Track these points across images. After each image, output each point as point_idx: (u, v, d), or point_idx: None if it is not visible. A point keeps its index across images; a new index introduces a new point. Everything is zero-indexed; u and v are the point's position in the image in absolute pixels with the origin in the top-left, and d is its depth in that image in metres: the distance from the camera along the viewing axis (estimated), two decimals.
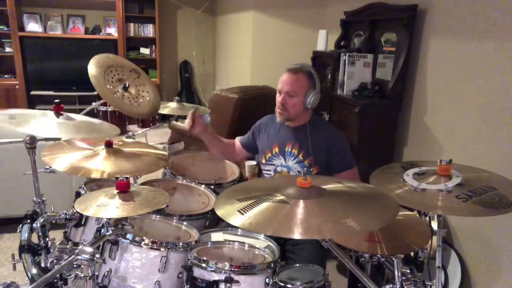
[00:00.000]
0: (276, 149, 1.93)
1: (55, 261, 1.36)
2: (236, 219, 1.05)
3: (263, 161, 1.99)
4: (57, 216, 1.55)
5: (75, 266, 1.25)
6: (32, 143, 1.65)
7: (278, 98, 1.85)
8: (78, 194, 1.73)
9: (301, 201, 1.09)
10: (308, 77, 1.83)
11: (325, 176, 1.74)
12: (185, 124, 2.01)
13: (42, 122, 1.61)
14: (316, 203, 1.09)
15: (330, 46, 3.45)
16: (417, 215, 1.54)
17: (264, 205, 1.10)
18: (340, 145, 1.87)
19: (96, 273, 1.31)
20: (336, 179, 1.37)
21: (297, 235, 0.97)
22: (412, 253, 1.52)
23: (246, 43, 4.50)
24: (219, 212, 1.12)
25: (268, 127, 2.03)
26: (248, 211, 1.07)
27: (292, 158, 1.88)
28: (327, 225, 1.02)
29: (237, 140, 2.19)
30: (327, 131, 1.89)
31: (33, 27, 5.39)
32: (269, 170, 1.97)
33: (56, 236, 1.71)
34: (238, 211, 1.08)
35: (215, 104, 3.51)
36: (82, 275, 1.22)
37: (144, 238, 1.38)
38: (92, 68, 1.91)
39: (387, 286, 1.28)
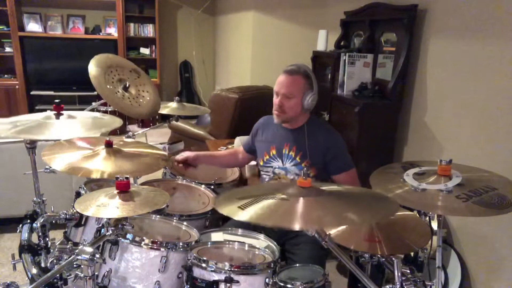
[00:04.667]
0: (274, 151, 1.92)
1: (55, 261, 1.36)
2: (236, 213, 1.06)
3: (261, 163, 1.98)
4: (57, 216, 1.55)
5: (75, 266, 1.25)
6: (32, 143, 1.65)
7: (275, 100, 1.83)
8: (78, 194, 1.73)
9: (301, 198, 1.09)
10: (305, 78, 1.81)
11: (324, 183, 1.74)
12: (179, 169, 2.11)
13: (45, 126, 1.60)
14: (316, 201, 1.10)
15: (330, 46, 3.45)
16: (417, 215, 1.54)
17: (265, 202, 1.10)
18: (338, 147, 1.85)
19: (96, 273, 1.31)
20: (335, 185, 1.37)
21: (297, 226, 0.98)
22: (412, 253, 1.53)
23: (246, 43, 4.50)
24: (219, 208, 1.12)
25: (265, 128, 2.01)
26: (248, 207, 1.08)
27: (290, 160, 1.87)
28: (328, 217, 1.03)
29: (241, 146, 2.19)
30: (324, 133, 1.87)
31: (33, 27, 5.39)
32: (267, 172, 1.96)
33: (56, 236, 1.72)
34: (239, 207, 1.09)
35: (215, 104, 3.51)
36: (82, 275, 1.22)
37: (144, 238, 1.38)
38: (92, 68, 1.91)
39: (387, 286, 1.28)
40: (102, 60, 1.98)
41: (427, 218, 1.45)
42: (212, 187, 1.99)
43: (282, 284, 1.32)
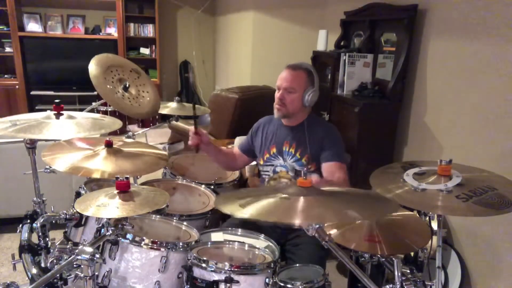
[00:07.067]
0: (274, 150, 1.93)
1: (55, 261, 1.36)
2: (238, 210, 1.06)
3: (261, 162, 1.98)
4: (57, 216, 1.55)
5: (75, 266, 1.25)
6: (32, 143, 1.65)
7: (277, 94, 1.86)
8: (78, 194, 1.73)
9: (302, 197, 1.10)
10: (307, 75, 1.84)
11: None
12: (190, 142, 1.91)
13: (44, 126, 1.60)
14: (316, 199, 1.10)
15: (330, 46, 3.45)
16: (417, 215, 1.54)
17: (265, 200, 1.10)
18: (331, 137, 1.86)
19: (96, 273, 1.31)
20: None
21: (297, 221, 0.99)
22: (412, 253, 1.53)
23: (246, 43, 4.50)
24: (220, 207, 1.12)
25: (265, 128, 2.02)
26: (249, 205, 1.08)
27: (290, 157, 1.88)
28: (328, 213, 1.03)
29: (236, 147, 2.16)
30: (323, 128, 1.89)
31: (33, 27, 5.39)
32: (268, 171, 1.96)
33: (56, 236, 1.71)
34: (240, 205, 1.09)
35: (215, 104, 3.51)
36: (82, 275, 1.22)
37: (144, 238, 1.38)
38: (93, 68, 1.91)
39: (387, 286, 1.28)
40: (102, 60, 1.98)
41: (427, 218, 1.45)
42: (212, 187, 1.99)
43: (282, 284, 1.32)
